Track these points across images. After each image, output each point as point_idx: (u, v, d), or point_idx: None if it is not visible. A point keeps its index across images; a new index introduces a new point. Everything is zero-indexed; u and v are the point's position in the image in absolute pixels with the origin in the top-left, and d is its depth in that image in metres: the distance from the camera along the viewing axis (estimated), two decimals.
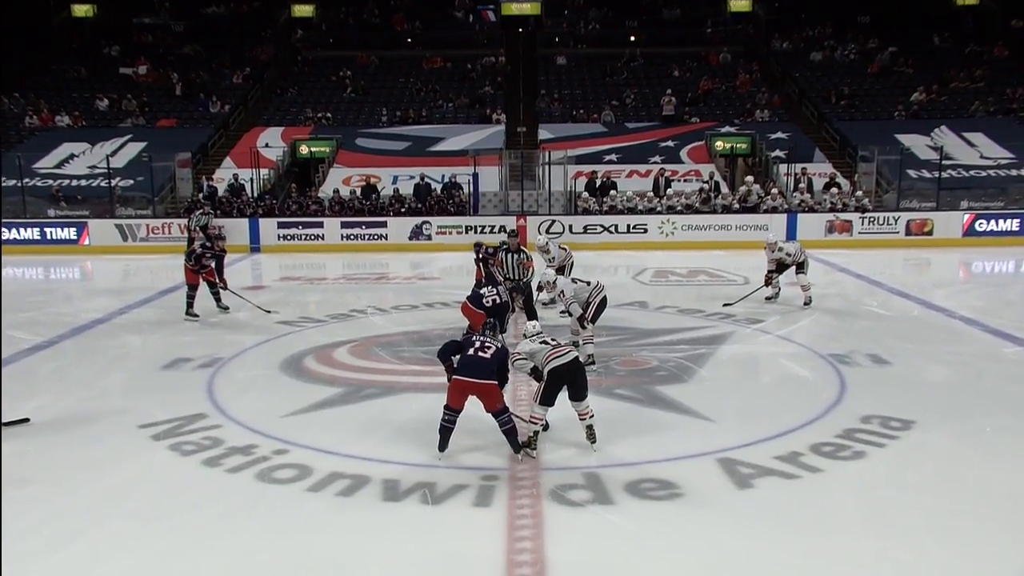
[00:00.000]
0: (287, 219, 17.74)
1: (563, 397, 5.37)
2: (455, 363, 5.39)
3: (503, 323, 7.55)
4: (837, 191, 17.85)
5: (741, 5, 27.27)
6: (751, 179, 18.38)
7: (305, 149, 21.54)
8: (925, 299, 11.02)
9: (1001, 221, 17.21)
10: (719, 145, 21.09)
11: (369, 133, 22.44)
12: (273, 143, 21.53)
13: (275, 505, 4.72)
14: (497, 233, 16.12)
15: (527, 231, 16.67)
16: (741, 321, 9.57)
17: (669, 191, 18.14)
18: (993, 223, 17.20)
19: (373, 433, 5.84)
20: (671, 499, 4.73)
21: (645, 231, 17.39)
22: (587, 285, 7.74)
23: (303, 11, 27.34)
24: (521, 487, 4.88)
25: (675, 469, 5.11)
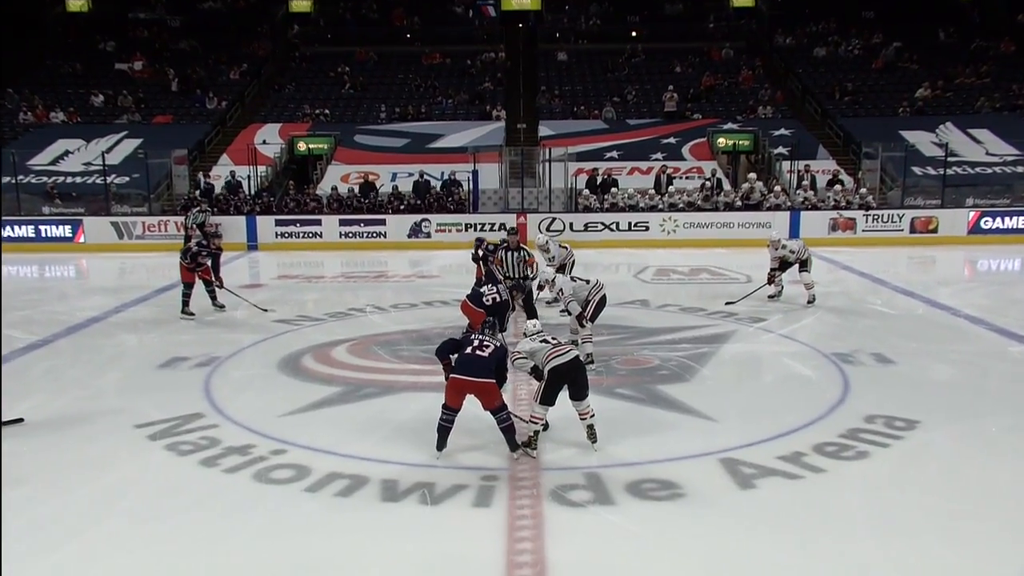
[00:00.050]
0: (285, 216, 17.73)
1: (563, 396, 5.38)
2: (453, 361, 5.40)
3: (503, 322, 7.57)
4: (841, 188, 17.85)
5: (744, 0, 27.24)
6: (754, 176, 18.39)
7: (303, 146, 21.54)
8: (930, 297, 11.02)
9: (1007, 219, 17.20)
10: (721, 142, 21.09)
11: (368, 130, 22.42)
12: (271, 140, 21.53)
13: (273, 506, 4.73)
14: (497, 231, 16.12)
15: (527, 229, 16.67)
16: (743, 320, 9.57)
17: (671, 188, 18.14)
18: (999, 221, 17.19)
19: (372, 433, 5.85)
20: (673, 499, 4.74)
21: (647, 229, 17.39)
22: (586, 283, 7.73)
23: (300, 6, 27.29)
24: (521, 487, 4.88)
25: (677, 469, 5.12)
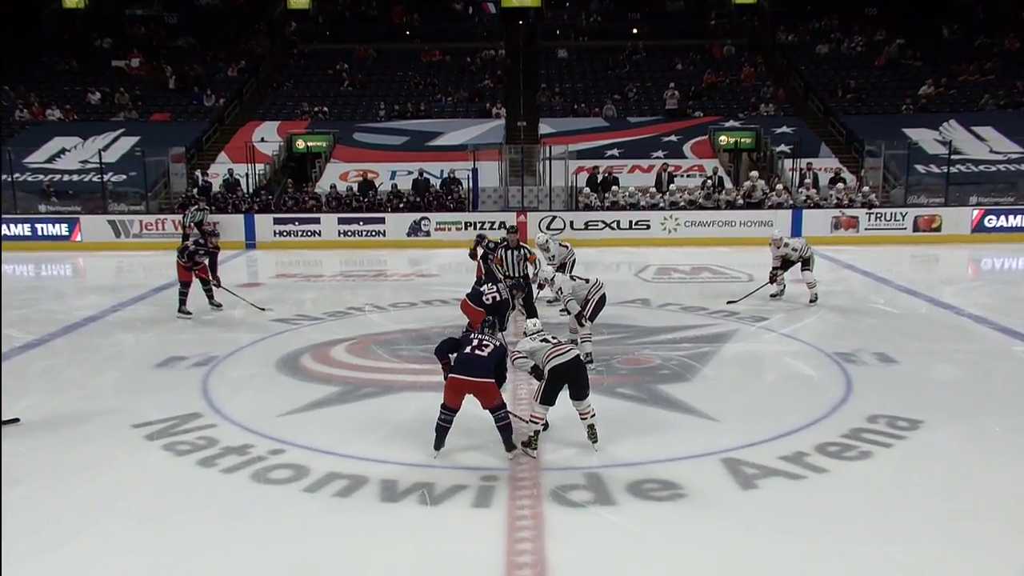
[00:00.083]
0: (283, 215, 17.74)
1: (564, 396, 5.38)
2: (452, 361, 5.40)
3: (503, 321, 7.57)
4: (843, 186, 17.86)
5: None
6: (755, 174, 18.38)
7: (301, 144, 21.55)
8: (933, 296, 11.02)
9: (1011, 217, 17.20)
10: (723, 140, 21.09)
11: (367, 127, 22.43)
12: (269, 137, 21.52)
13: (271, 506, 4.73)
14: (497, 229, 16.12)
15: (527, 227, 16.68)
16: (745, 319, 9.57)
17: (672, 186, 18.14)
18: (1003, 219, 17.19)
19: (371, 433, 5.85)
20: (674, 500, 4.74)
21: (647, 227, 17.39)
22: (585, 282, 7.74)
23: (299, 2, 27.29)
24: (521, 487, 4.88)
25: (678, 469, 5.12)
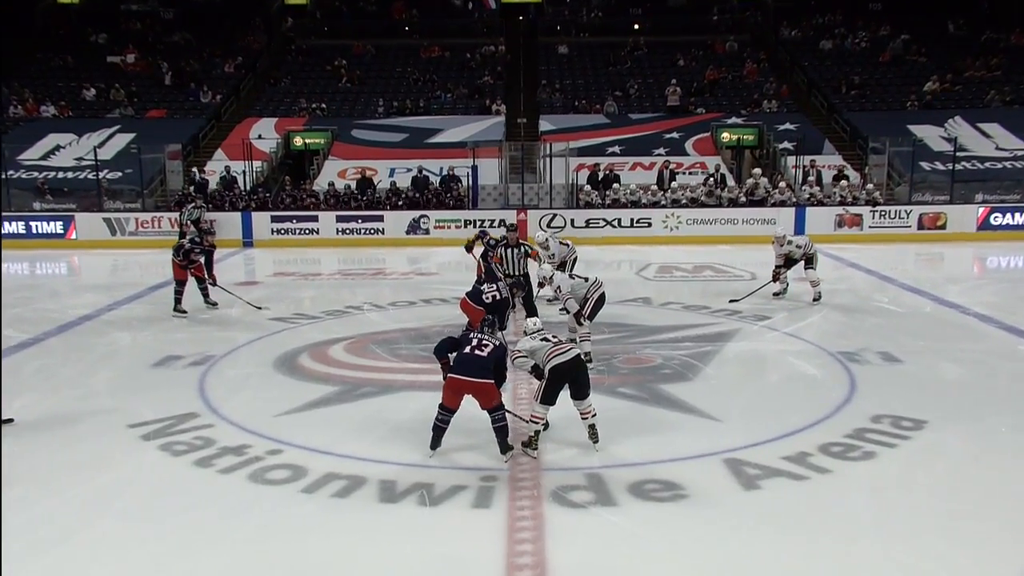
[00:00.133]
0: (281, 213, 17.73)
1: (564, 396, 5.39)
2: (451, 360, 5.40)
3: (503, 320, 7.57)
4: (847, 184, 17.85)
5: None
6: (758, 172, 18.38)
7: (299, 141, 21.51)
8: (938, 295, 11.02)
9: (1017, 215, 17.19)
10: (725, 137, 21.06)
11: (365, 124, 22.41)
12: (266, 134, 21.50)
13: (269, 507, 4.73)
14: (497, 227, 16.10)
15: (527, 225, 16.68)
16: (748, 318, 9.58)
17: (674, 184, 18.14)
18: (1009, 217, 17.18)
19: (369, 433, 5.85)
20: (676, 500, 4.74)
21: (649, 225, 17.39)
22: (584, 281, 7.77)
23: None
24: (521, 488, 4.89)
25: (680, 470, 5.12)
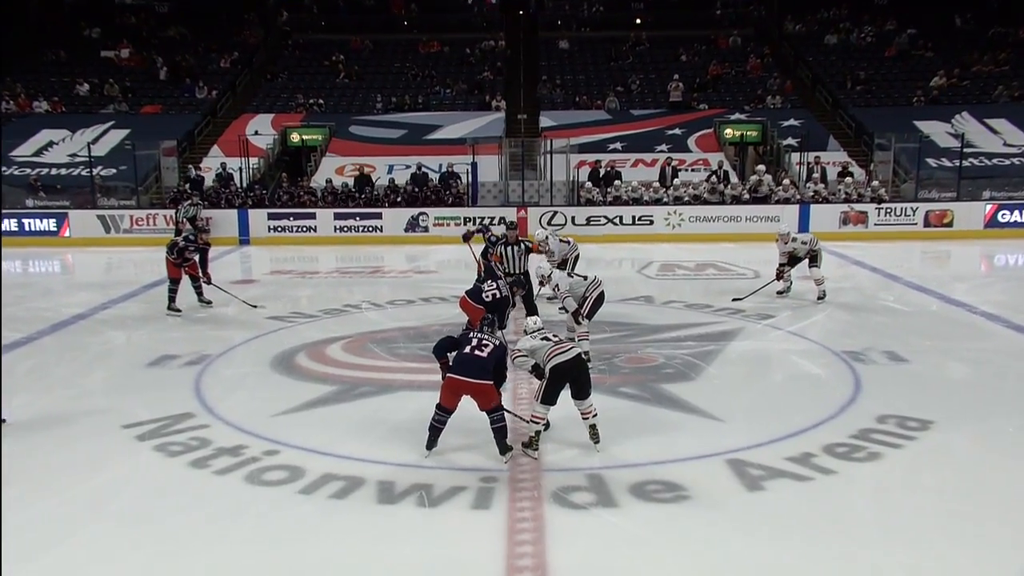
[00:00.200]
0: (278, 210, 17.74)
1: (565, 395, 5.39)
2: (451, 360, 5.40)
3: (503, 319, 7.57)
4: (852, 181, 17.85)
5: None
6: (762, 168, 18.37)
7: (296, 137, 21.51)
8: (944, 293, 11.02)
9: None
10: (728, 133, 21.06)
11: (363, 120, 22.41)
12: (263, 130, 21.51)
13: (265, 508, 4.73)
14: (497, 225, 16.09)
15: (527, 223, 16.67)
16: (751, 316, 9.58)
17: (676, 181, 18.14)
18: (1016, 214, 17.15)
19: (368, 433, 5.86)
20: (678, 502, 4.75)
21: (651, 223, 17.38)
22: (583, 280, 7.79)
23: None
24: (521, 489, 4.89)
25: (682, 470, 5.13)
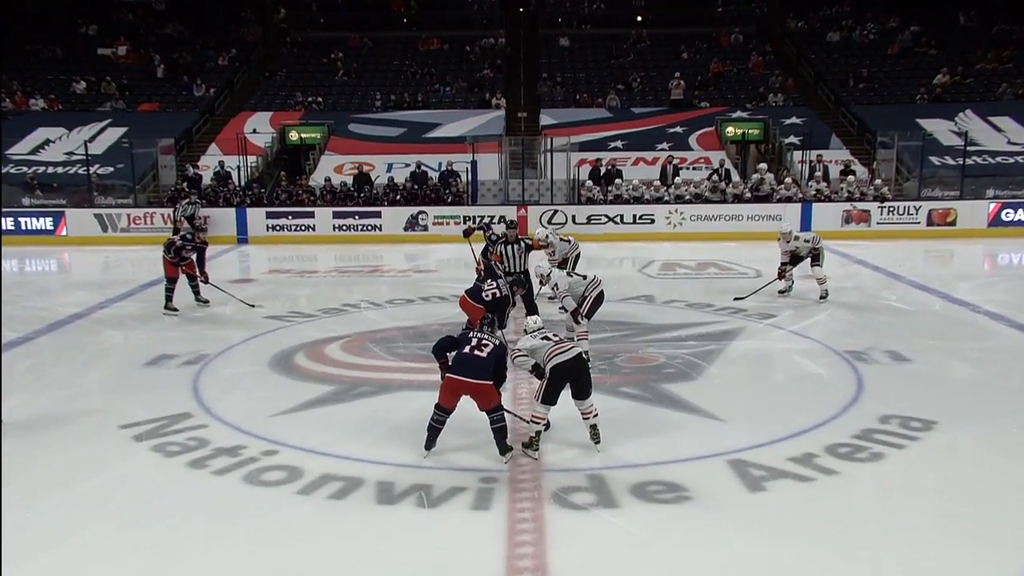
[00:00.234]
0: (276, 209, 17.72)
1: (566, 395, 5.39)
2: (450, 360, 5.40)
3: (503, 318, 7.57)
4: (854, 179, 17.84)
5: None
6: (764, 167, 18.34)
7: (295, 135, 21.51)
8: (948, 293, 11.02)
9: None
10: (730, 131, 21.05)
11: (362, 118, 22.39)
12: (261, 129, 21.48)
13: (264, 509, 4.73)
14: (497, 224, 16.08)
15: (528, 222, 16.66)
16: (753, 316, 9.58)
17: (677, 179, 18.12)
18: (1020, 212, 17.11)
19: (367, 433, 5.86)
20: (679, 502, 4.75)
21: (652, 222, 17.37)
22: (583, 279, 7.81)
23: None
24: (522, 490, 4.89)
25: (683, 471, 5.13)
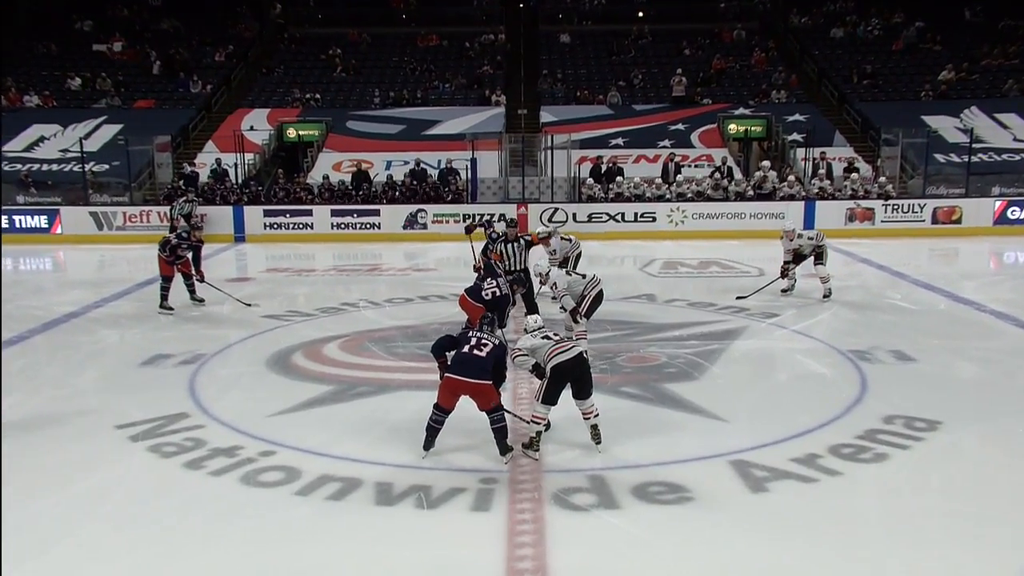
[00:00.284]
0: (273, 207, 17.73)
1: (566, 395, 5.39)
2: (449, 360, 5.40)
3: (503, 317, 7.57)
4: (858, 177, 17.84)
5: None
6: (767, 164, 18.37)
7: (292, 132, 21.52)
8: (953, 292, 11.01)
9: None
10: (732, 128, 21.06)
11: (361, 115, 22.40)
12: (258, 126, 21.50)
13: (261, 510, 4.73)
14: (497, 222, 16.08)
15: (528, 220, 16.66)
16: (755, 315, 9.58)
17: (679, 177, 18.13)
18: None
19: (365, 433, 5.86)
20: (680, 503, 4.75)
21: (653, 220, 17.38)
22: (582, 278, 7.82)
23: None
24: (522, 490, 4.89)
25: (685, 472, 5.13)
